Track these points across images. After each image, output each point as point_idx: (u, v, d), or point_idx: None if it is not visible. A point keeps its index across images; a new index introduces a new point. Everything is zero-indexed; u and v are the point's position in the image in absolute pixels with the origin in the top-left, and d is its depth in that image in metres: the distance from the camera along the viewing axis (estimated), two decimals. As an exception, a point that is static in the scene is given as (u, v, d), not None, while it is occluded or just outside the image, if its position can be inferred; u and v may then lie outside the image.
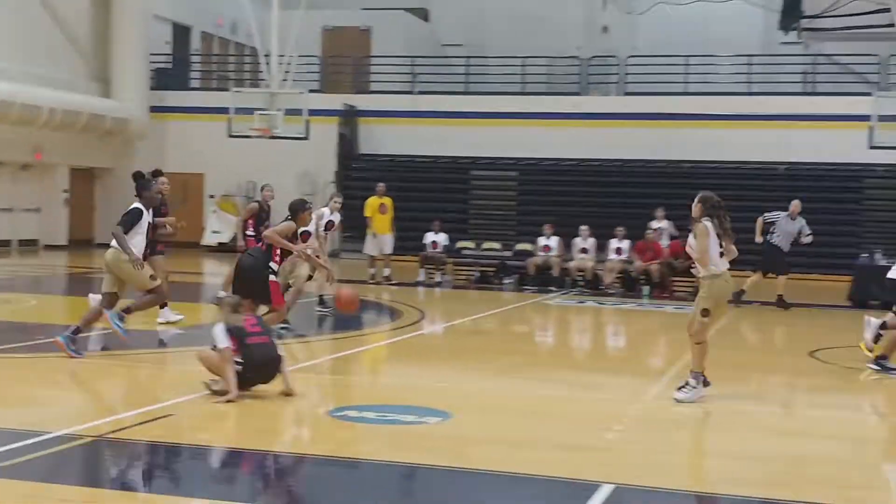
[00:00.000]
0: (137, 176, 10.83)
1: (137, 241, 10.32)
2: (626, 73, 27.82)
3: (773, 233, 17.26)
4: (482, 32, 31.93)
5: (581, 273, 19.84)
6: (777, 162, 25.37)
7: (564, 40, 30.30)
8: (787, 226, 17.24)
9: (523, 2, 31.73)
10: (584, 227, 20.16)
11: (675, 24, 30.25)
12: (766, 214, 17.53)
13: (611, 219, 21.10)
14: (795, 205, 17.45)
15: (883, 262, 18.41)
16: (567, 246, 20.18)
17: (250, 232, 14.30)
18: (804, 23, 29.69)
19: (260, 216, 14.33)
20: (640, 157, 25.98)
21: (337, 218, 14.59)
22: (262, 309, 10.26)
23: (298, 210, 10.76)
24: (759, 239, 17.24)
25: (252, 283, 10.36)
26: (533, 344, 14.07)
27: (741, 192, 24.78)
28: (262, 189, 15.04)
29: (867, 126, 20.65)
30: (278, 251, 10.49)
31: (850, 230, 23.62)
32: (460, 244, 21.96)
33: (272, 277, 10.42)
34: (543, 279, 19.94)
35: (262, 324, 8.71)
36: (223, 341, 8.20)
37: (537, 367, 11.31)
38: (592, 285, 19.55)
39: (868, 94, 22.30)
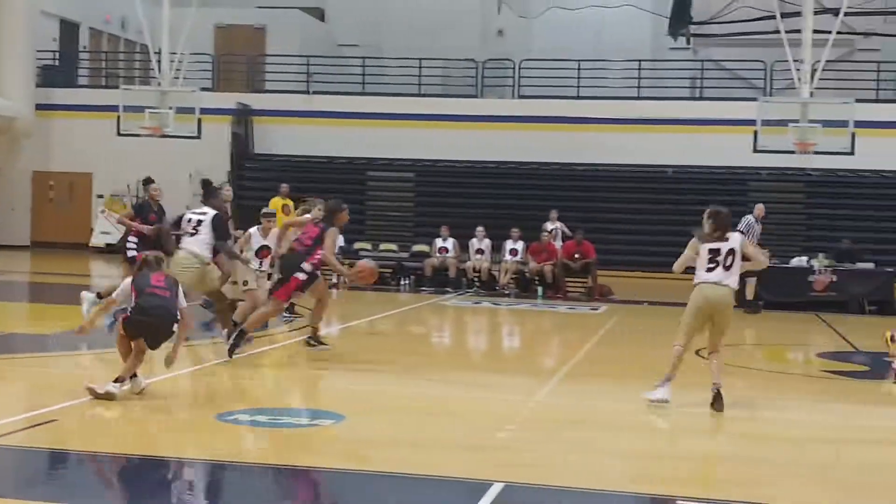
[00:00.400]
0: (205, 184, 10.68)
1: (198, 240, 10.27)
2: (521, 77, 28.10)
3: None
4: (378, 33, 31.92)
5: (477, 274, 19.98)
6: (666, 165, 25.91)
7: (461, 43, 30.46)
8: (758, 229, 17.30)
9: (420, 4, 31.80)
10: (479, 229, 20.33)
11: (569, 29, 30.68)
12: (744, 228, 16.79)
13: (506, 220, 21.30)
14: (760, 208, 17.55)
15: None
16: (463, 247, 20.31)
17: None
18: (693, 29, 30.46)
19: None
20: (534, 159, 26.27)
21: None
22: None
23: (336, 210, 10.36)
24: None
25: (284, 276, 10.51)
26: (429, 345, 14.10)
27: (631, 194, 25.36)
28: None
29: (752, 130, 21.18)
30: (318, 254, 10.30)
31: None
32: (357, 245, 21.91)
33: (299, 275, 10.32)
34: (440, 280, 20.04)
35: (170, 284, 8.55)
36: (119, 292, 8.58)
37: (433, 368, 11.32)
38: (488, 286, 19.72)
39: (754, 99, 22.89)
